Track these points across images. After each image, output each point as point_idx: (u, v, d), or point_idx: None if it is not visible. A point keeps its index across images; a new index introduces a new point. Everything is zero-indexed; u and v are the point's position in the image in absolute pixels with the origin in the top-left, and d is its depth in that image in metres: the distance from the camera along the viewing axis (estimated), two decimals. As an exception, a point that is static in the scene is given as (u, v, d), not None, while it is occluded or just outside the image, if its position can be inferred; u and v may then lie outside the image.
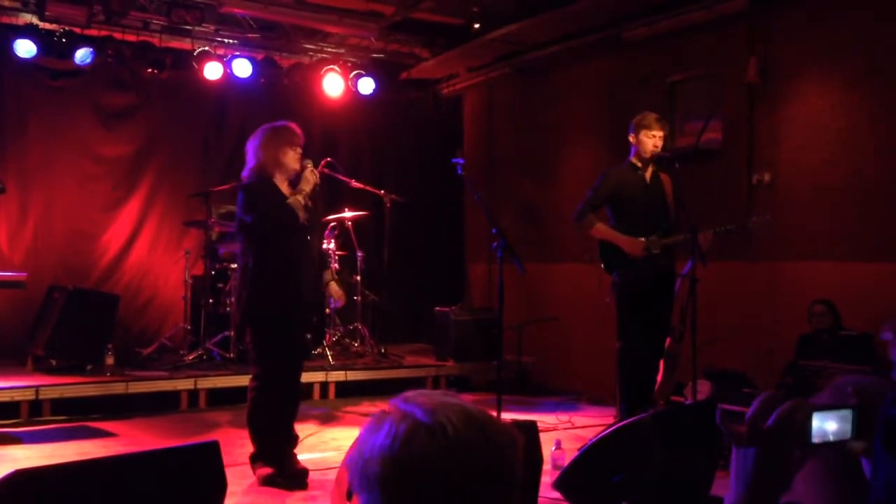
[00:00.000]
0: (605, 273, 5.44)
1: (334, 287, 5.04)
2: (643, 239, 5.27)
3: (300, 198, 4.45)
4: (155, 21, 7.74)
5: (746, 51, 6.47)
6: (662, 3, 6.94)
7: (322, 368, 7.03)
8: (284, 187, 4.54)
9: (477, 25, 8.07)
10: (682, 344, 5.85)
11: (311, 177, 4.55)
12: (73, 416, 6.15)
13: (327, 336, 7.46)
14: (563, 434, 5.45)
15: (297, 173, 4.55)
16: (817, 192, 6.08)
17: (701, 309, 5.14)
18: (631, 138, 5.39)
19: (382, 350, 7.77)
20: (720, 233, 5.22)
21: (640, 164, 5.36)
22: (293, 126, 4.61)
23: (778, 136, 6.37)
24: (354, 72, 8.56)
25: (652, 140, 5.28)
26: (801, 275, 6.13)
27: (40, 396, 6.11)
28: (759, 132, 6.48)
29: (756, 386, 5.80)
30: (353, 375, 7.28)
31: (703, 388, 5.49)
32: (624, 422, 3.77)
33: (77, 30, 7.44)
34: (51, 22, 7.35)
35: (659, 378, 5.70)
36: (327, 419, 6.32)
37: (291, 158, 4.51)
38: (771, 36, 6.40)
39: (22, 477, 2.17)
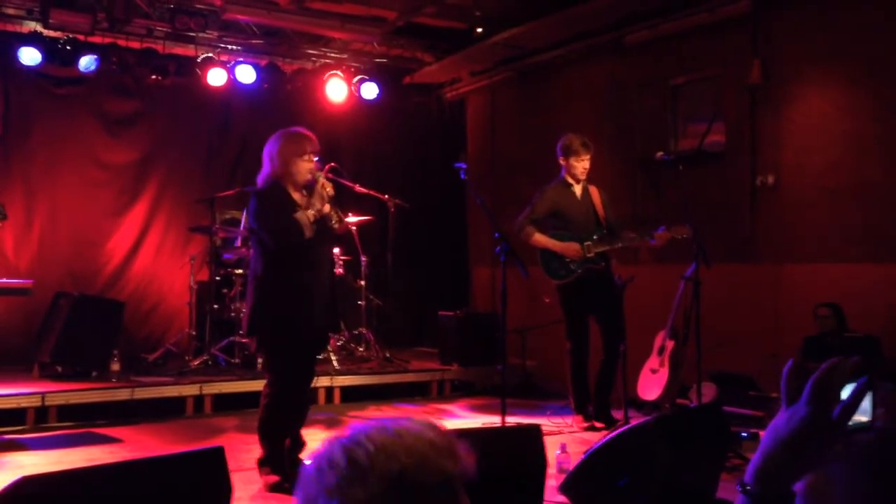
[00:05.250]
0: (546, 278, 5.99)
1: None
2: (578, 243, 5.85)
3: (311, 213, 4.35)
4: (158, 28, 7.77)
5: (749, 53, 6.47)
6: (664, 6, 6.95)
7: (327, 373, 7.04)
8: (297, 196, 4.48)
9: (479, 30, 8.08)
10: (686, 347, 5.86)
11: (323, 192, 4.43)
12: (79, 423, 6.15)
13: (332, 341, 7.47)
14: (567, 438, 5.44)
15: (309, 182, 4.50)
16: (821, 193, 6.08)
17: (705, 312, 5.14)
18: (561, 160, 6.03)
19: (387, 354, 7.78)
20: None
21: (571, 181, 6.01)
22: (307, 133, 4.52)
23: (781, 138, 6.37)
24: (357, 77, 8.58)
25: (581, 164, 5.94)
26: (805, 277, 6.12)
27: (46, 403, 6.12)
28: (763, 134, 6.47)
29: (761, 389, 5.79)
30: (358, 380, 7.29)
31: (709, 391, 5.49)
32: (629, 425, 3.77)
33: (81, 37, 7.46)
34: (55, 29, 7.38)
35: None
36: (333, 424, 6.32)
37: (301, 168, 4.43)
38: (774, 38, 6.40)
39: (29, 483, 2.18)
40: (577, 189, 6.02)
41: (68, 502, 2.31)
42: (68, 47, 7.46)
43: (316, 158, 4.52)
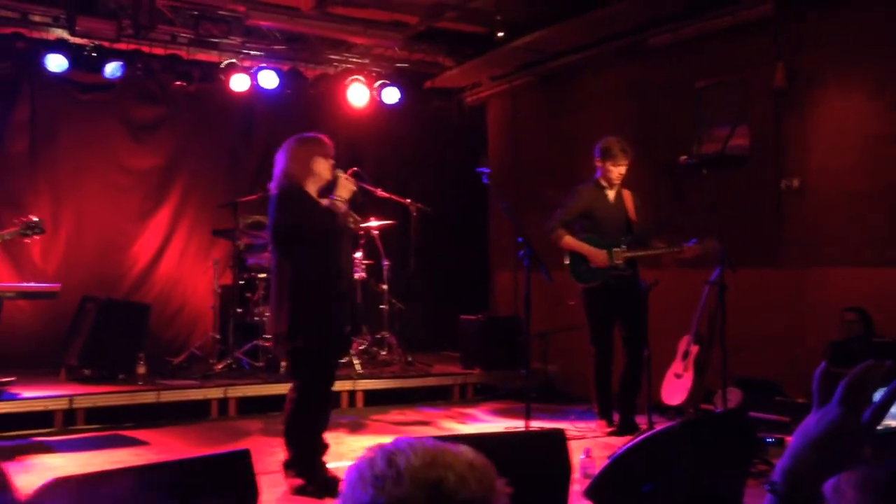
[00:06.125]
0: (573, 281, 5.97)
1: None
2: (606, 251, 5.81)
3: (339, 202, 4.47)
4: (182, 34, 7.84)
5: (773, 56, 6.43)
6: (687, 10, 6.92)
7: (350, 377, 7.07)
8: (316, 197, 4.56)
9: (500, 34, 8.09)
10: (710, 351, 5.82)
11: (347, 184, 4.53)
12: (106, 425, 6.22)
13: (355, 345, 7.50)
14: (591, 442, 5.43)
15: (329, 183, 4.56)
16: (847, 197, 6.02)
17: (729, 316, 5.11)
18: (597, 162, 5.96)
19: (409, 359, 7.80)
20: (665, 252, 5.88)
21: (605, 184, 5.97)
22: (324, 137, 4.63)
23: (806, 141, 6.32)
24: (379, 81, 8.62)
25: (618, 169, 5.88)
26: (831, 281, 6.07)
27: (74, 405, 6.19)
28: (788, 138, 6.43)
29: (787, 394, 5.75)
30: (380, 384, 7.32)
31: (734, 396, 5.46)
32: (654, 430, 3.75)
33: (106, 44, 7.55)
34: (81, 36, 7.46)
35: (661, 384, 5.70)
36: (356, 427, 6.35)
37: (324, 168, 4.52)
38: (798, 41, 6.35)
39: (60, 484, 2.21)
40: (611, 193, 5.99)
41: (98, 503, 2.33)
42: (94, 54, 7.56)
43: (332, 159, 4.61)
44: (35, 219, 5.04)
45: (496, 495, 1.13)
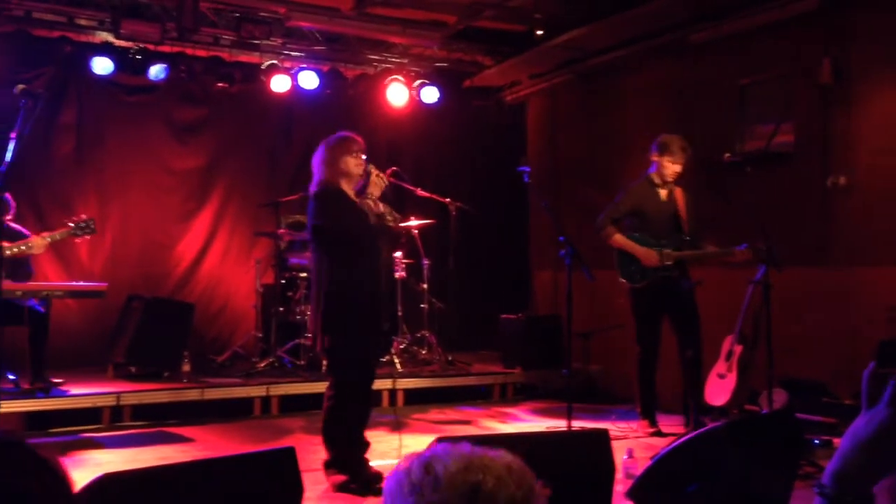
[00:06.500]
0: (621, 279, 5.90)
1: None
2: (656, 251, 5.71)
3: (369, 201, 4.51)
4: (225, 36, 7.94)
5: (819, 52, 6.32)
6: (730, 5, 6.83)
7: (390, 376, 7.10)
8: (353, 196, 4.61)
9: (539, 32, 8.05)
10: (755, 352, 5.75)
11: (378, 180, 4.59)
12: (152, 422, 6.33)
13: (395, 343, 7.53)
14: (634, 443, 5.39)
15: (363, 180, 4.61)
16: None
17: (774, 316, 5.03)
18: (654, 157, 5.81)
19: (449, 358, 7.81)
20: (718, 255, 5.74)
21: (657, 181, 5.82)
22: (351, 134, 4.67)
23: (854, 138, 6.20)
24: (418, 81, 8.65)
25: (674, 166, 5.74)
26: (879, 280, 5.95)
27: (121, 402, 6.31)
28: (834, 135, 6.32)
29: (834, 395, 5.65)
30: (420, 383, 7.34)
31: (779, 398, 5.38)
32: (699, 430, 3.71)
33: (150, 46, 7.67)
34: (125, 40, 7.59)
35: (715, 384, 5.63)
36: (396, 426, 6.36)
37: (353, 165, 4.57)
38: (844, 36, 6.24)
39: (110, 480, 2.25)
40: (663, 191, 5.88)
41: (147, 499, 2.37)
42: (138, 57, 7.68)
43: (364, 157, 4.62)
44: (86, 218, 5.13)
45: (534, 497, 1.13)
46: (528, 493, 1.12)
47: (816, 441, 5.02)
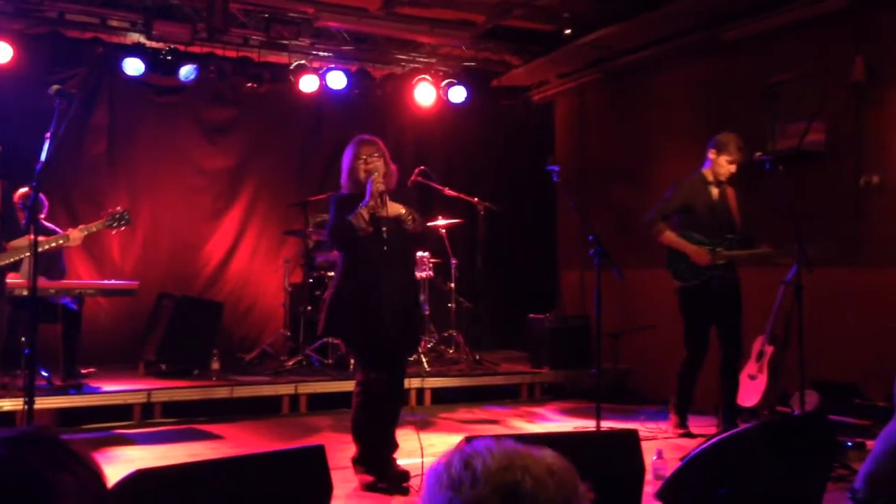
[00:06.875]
0: (671, 279, 5.75)
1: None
2: (708, 249, 5.54)
3: (363, 211, 4.41)
4: (254, 37, 7.99)
5: (850, 50, 6.24)
6: (759, 3, 6.76)
7: (418, 375, 7.11)
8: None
9: (568, 31, 8.03)
10: (786, 352, 5.68)
11: (374, 187, 4.46)
12: (182, 419, 6.40)
13: (423, 343, 7.54)
14: (663, 443, 5.35)
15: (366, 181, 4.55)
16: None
17: (807, 317, 4.97)
18: (710, 154, 5.65)
19: (477, 357, 7.80)
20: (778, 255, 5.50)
21: (710, 179, 5.66)
22: (366, 137, 4.66)
23: (886, 136, 6.12)
24: (446, 80, 8.65)
25: (730, 165, 5.59)
26: (913, 281, 5.86)
27: (152, 399, 6.37)
28: (866, 133, 6.23)
29: (866, 397, 5.58)
30: (448, 382, 7.34)
31: (810, 399, 5.31)
32: (730, 432, 3.68)
33: (181, 47, 7.75)
34: (157, 41, 7.67)
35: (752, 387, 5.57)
36: (424, 425, 6.37)
37: (357, 168, 4.55)
38: (877, 34, 6.15)
39: (143, 476, 2.27)
40: (715, 189, 5.68)
41: (179, 495, 2.40)
42: (169, 57, 7.75)
43: (375, 157, 4.54)
44: (120, 209, 5.18)
45: (577, 501, 1.12)
46: (569, 497, 1.11)
47: (849, 443, 4.95)
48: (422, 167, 7.62)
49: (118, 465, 4.77)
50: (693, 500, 3.45)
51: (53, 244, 4.84)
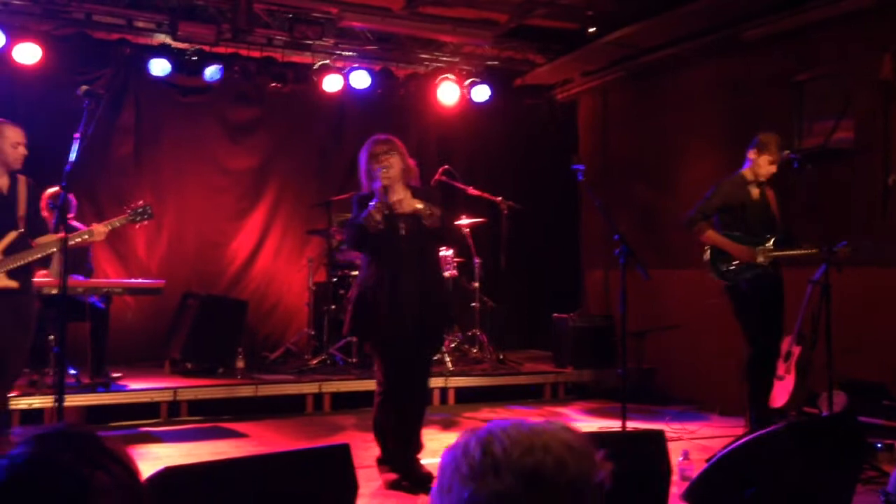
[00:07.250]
0: (714, 279, 5.64)
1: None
2: (751, 248, 5.45)
3: (374, 212, 4.44)
4: (278, 37, 8.03)
5: (877, 47, 6.16)
6: (783, 1, 6.69)
7: (441, 374, 7.11)
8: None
9: (591, 30, 7.99)
10: (813, 352, 5.62)
11: (379, 186, 4.51)
12: (208, 417, 6.44)
13: (446, 342, 7.54)
14: (689, 444, 5.32)
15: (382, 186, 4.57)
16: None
17: (835, 316, 4.92)
18: (751, 154, 5.57)
19: (501, 356, 7.79)
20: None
21: (751, 179, 5.59)
22: (379, 136, 4.67)
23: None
24: (469, 80, 8.64)
25: (771, 166, 5.51)
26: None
27: (178, 398, 6.43)
28: (894, 131, 6.15)
29: (895, 398, 5.51)
30: (472, 381, 7.34)
31: (837, 400, 5.26)
32: (757, 433, 3.64)
33: (206, 48, 7.80)
34: (182, 41, 7.73)
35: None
36: (448, 425, 6.38)
37: (371, 168, 4.57)
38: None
39: (171, 473, 2.29)
40: (755, 189, 5.60)
41: (207, 492, 2.41)
42: (194, 58, 7.81)
43: (390, 154, 4.54)
44: (143, 204, 5.22)
45: (596, 471, 1.11)
46: (589, 470, 1.10)
47: (879, 445, 4.89)
48: (446, 166, 7.63)
49: (145, 462, 4.80)
50: (720, 501, 3.42)
51: (78, 239, 4.89)
